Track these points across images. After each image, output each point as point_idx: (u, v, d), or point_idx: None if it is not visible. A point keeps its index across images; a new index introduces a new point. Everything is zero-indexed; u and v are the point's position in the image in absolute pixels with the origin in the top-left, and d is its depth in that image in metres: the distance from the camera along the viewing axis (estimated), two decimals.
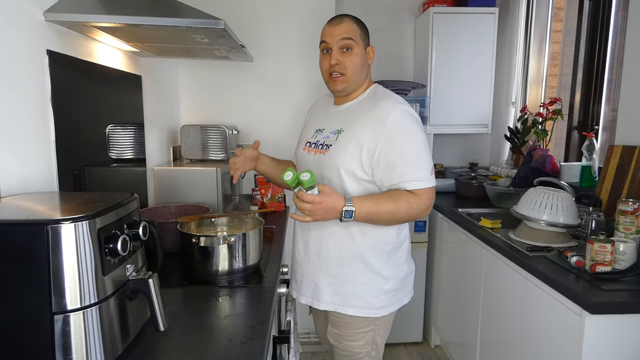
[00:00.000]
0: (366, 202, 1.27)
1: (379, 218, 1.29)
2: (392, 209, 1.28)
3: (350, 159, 1.32)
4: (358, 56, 1.36)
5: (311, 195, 1.19)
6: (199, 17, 1.21)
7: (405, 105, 1.36)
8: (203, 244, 1.28)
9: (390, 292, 1.41)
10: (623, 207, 1.49)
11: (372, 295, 1.39)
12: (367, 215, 1.27)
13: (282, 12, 2.52)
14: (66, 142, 1.26)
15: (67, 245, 0.75)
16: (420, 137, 1.34)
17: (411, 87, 2.71)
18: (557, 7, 2.70)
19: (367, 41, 1.41)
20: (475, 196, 2.68)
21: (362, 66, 1.38)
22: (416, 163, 1.30)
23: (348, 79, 1.37)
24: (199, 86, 2.57)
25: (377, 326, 1.44)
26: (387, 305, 1.42)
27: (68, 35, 1.29)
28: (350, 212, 1.24)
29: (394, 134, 1.29)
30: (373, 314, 1.40)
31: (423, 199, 1.30)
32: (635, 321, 1.25)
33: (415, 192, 1.29)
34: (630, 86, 1.80)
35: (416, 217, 1.33)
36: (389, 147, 1.29)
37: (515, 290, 1.65)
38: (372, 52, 1.43)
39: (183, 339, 0.97)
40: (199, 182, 1.96)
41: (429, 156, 1.34)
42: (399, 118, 1.31)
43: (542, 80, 2.80)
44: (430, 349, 2.71)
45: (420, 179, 1.29)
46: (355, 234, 1.37)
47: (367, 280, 1.38)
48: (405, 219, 1.34)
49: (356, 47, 1.36)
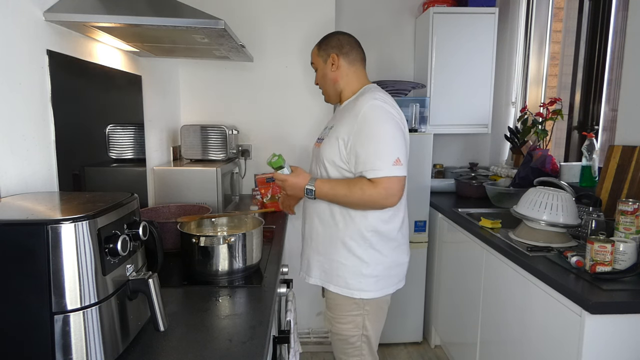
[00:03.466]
0: (326, 185, 1.47)
1: (337, 199, 1.47)
2: (347, 193, 1.43)
3: (331, 151, 1.49)
4: (321, 70, 1.61)
5: (280, 174, 1.50)
6: (199, 17, 1.21)
7: (379, 100, 1.46)
8: (203, 244, 1.28)
9: (370, 277, 1.51)
10: (623, 207, 1.49)
11: (351, 276, 1.51)
12: (326, 195, 1.47)
13: (282, 12, 2.52)
14: (66, 142, 1.26)
15: (67, 245, 0.75)
16: (387, 128, 1.43)
17: (411, 87, 2.71)
18: (557, 7, 2.70)
19: (326, 53, 1.58)
20: (475, 196, 2.68)
21: (326, 77, 1.59)
22: (377, 153, 1.40)
23: (325, 91, 1.65)
24: (199, 86, 2.57)
25: (367, 311, 1.55)
26: (368, 289, 1.51)
27: (68, 35, 1.29)
28: (310, 190, 1.47)
29: (363, 125, 1.42)
30: (353, 294, 1.51)
31: (378, 188, 1.39)
32: (635, 321, 1.25)
33: (373, 180, 1.40)
34: (630, 86, 1.80)
35: (373, 203, 1.43)
36: (357, 138, 1.42)
37: (515, 290, 1.65)
38: (334, 59, 1.56)
39: (183, 339, 0.97)
40: (199, 182, 1.96)
41: (394, 147, 1.41)
42: (369, 111, 1.43)
43: (542, 80, 2.80)
44: (430, 349, 2.71)
45: (378, 168, 1.39)
46: (338, 219, 1.52)
47: (347, 262, 1.51)
48: (361, 204, 1.45)
49: (318, 65, 1.61)
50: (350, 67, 1.57)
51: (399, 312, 2.64)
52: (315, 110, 2.60)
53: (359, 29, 2.99)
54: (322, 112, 2.62)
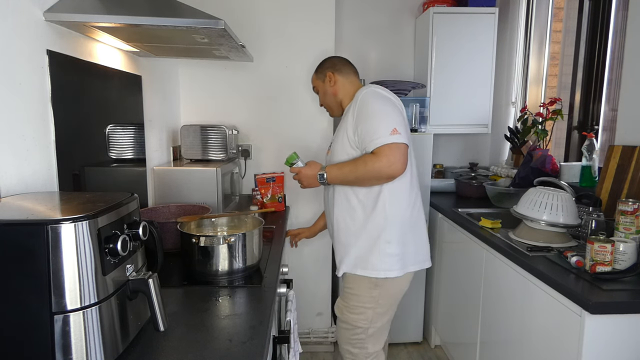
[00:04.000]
0: (334, 167, 1.61)
1: (347, 179, 1.58)
2: (353, 169, 1.53)
3: (342, 147, 1.61)
4: (322, 89, 1.78)
5: (294, 168, 1.69)
6: (199, 17, 1.21)
7: (372, 88, 1.61)
8: (203, 244, 1.28)
9: (393, 256, 1.59)
10: (623, 207, 1.49)
11: (375, 257, 1.59)
12: (336, 177, 1.60)
13: (282, 12, 2.52)
14: (66, 142, 1.26)
15: (67, 245, 0.75)
16: (380, 105, 1.55)
17: (411, 87, 2.71)
18: (557, 7, 2.70)
19: (323, 74, 1.75)
20: (475, 196, 2.68)
21: (327, 93, 1.75)
22: (373, 126, 1.50)
23: (328, 107, 1.81)
24: (199, 86, 2.57)
25: (378, 305, 1.64)
26: (392, 268, 1.60)
27: (68, 35, 1.29)
28: (322, 175, 1.62)
29: (360, 109, 1.56)
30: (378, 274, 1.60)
31: (380, 156, 1.47)
32: (635, 321, 1.25)
33: (374, 151, 1.49)
34: (630, 86, 1.80)
35: (378, 173, 1.49)
36: (358, 121, 1.55)
37: (515, 290, 1.65)
38: (331, 77, 1.72)
39: (183, 339, 0.97)
40: (199, 182, 1.96)
41: (390, 119, 1.50)
42: (364, 97, 1.58)
43: (542, 80, 2.80)
44: (430, 349, 2.71)
45: (376, 139, 1.48)
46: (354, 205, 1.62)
47: (368, 245, 1.60)
48: (368, 178, 1.53)
49: (318, 86, 1.79)
50: (346, 80, 1.73)
51: (399, 312, 2.62)
52: (315, 110, 2.60)
53: (359, 29, 3.00)
54: (322, 112, 2.62)
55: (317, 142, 2.62)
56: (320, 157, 2.62)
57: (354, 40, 3.00)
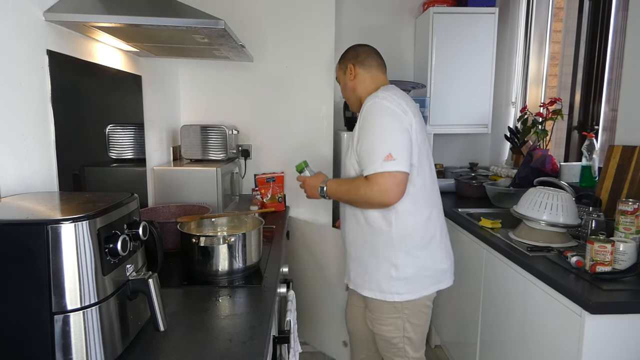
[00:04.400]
0: (334, 183, 1.57)
1: (343, 198, 1.54)
2: (348, 188, 1.49)
3: (350, 160, 1.54)
4: (343, 82, 1.67)
5: (301, 176, 1.66)
6: (199, 17, 1.21)
7: (380, 98, 1.45)
8: (203, 244, 1.28)
9: (400, 280, 1.50)
10: (623, 207, 1.49)
11: (383, 280, 1.51)
12: (334, 193, 1.56)
13: (282, 12, 2.52)
14: (66, 142, 1.26)
15: (67, 245, 0.75)
16: (381, 122, 1.42)
17: (411, 87, 2.71)
18: (557, 7, 2.69)
19: (345, 65, 1.64)
20: (475, 196, 2.68)
21: (347, 87, 1.65)
22: (369, 151, 1.42)
23: (348, 100, 1.70)
24: (199, 86, 2.57)
25: (406, 314, 1.54)
26: (400, 292, 1.50)
27: (68, 35, 1.29)
28: (322, 188, 1.58)
29: (362, 124, 1.46)
30: (386, 297, 1.51)
31: (371, 184, 1.40)
32: (635, 321, 1.25)
33: (368, 177, 1.41)
34: (630, 86, 1.80)
35: (370, 200, 1.42)
36: (359, 136, 1.47)
37: (516, 290, 1.65)
38: (351, 69, 1.61)
39: (183, 339, 0.97)
40: (199, 182, 1.96)
41: (387, 142, 1.39)
42: (367, 110, 1.46)
43: (542, 80, 2.80)
44: (430, 349, 2.71)
45: (370, 164, 1.41)
46: (363, 223, 1.53)
47: (377, 265, 1.52)
48: (362, 202, 1.47)
49: (340, 78, 1.68)
50: (367, 74, 1.60)
51: None
52: (315, 110, 2.60)
53: (359, 29, 3.00)
54: (321, 112, 2.62)
55: (317, 142, 2.62)
56: (321, 157, 2.62)
57: (354, 40, 2.96)
